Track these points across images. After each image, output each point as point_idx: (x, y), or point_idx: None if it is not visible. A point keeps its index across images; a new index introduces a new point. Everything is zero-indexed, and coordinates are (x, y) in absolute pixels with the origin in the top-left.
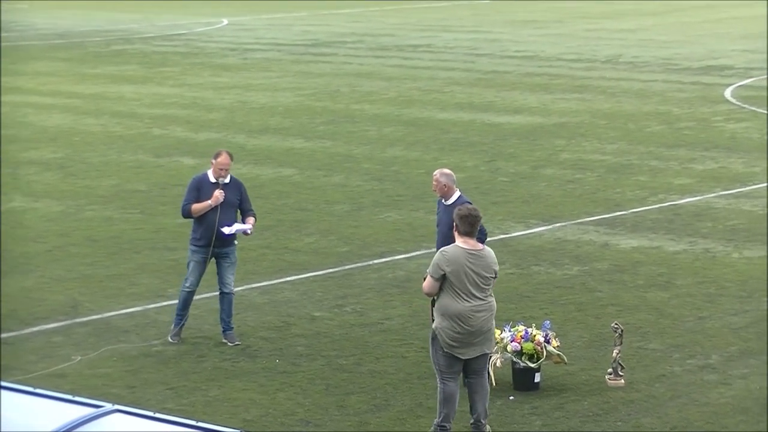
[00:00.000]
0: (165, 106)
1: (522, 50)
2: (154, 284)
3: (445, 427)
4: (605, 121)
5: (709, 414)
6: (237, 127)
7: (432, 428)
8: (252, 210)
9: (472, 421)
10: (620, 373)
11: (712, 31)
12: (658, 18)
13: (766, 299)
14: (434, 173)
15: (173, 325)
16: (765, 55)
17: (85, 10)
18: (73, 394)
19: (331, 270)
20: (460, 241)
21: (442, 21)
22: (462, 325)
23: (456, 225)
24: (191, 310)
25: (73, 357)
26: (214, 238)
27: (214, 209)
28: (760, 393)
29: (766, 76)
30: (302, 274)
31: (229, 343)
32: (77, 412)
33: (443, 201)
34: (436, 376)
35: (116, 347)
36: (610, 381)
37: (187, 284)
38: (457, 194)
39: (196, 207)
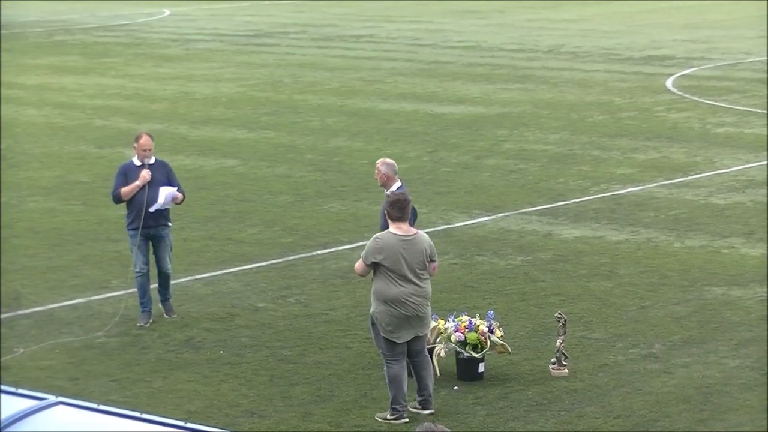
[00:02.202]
0: (107, 97)
1: (464, 40)
2: (97, 276)
3: (396, 408)
4: (548, 111)
5: (652, 403)
6: (180, 118)
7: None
8: (181, 189)
9: (420, 398)
10: (564, 363)
11: (653, 20)
12: (599, 8)
13: (707, 288)
14: (377, 162)
15: (140, 312)
16: (706, 45)
17: (26, 0)
18: (16, 387)
19: (274, 261)
20: (393, 227)
21: (384, 11)
22: (398, 309)
23: (388, 212)
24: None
25: (15, 349)
26: (143, 217)
27: (142, 190)
28: (702, 382)
29: (706, 66)
30: (246, 265)
31: (165, 316)
32: (20, 404)
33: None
34: (382, 359)
35: (58, 339)
36: (553, 370)
37: (137, 269)
38: (397, 184)
39: (125, 190)
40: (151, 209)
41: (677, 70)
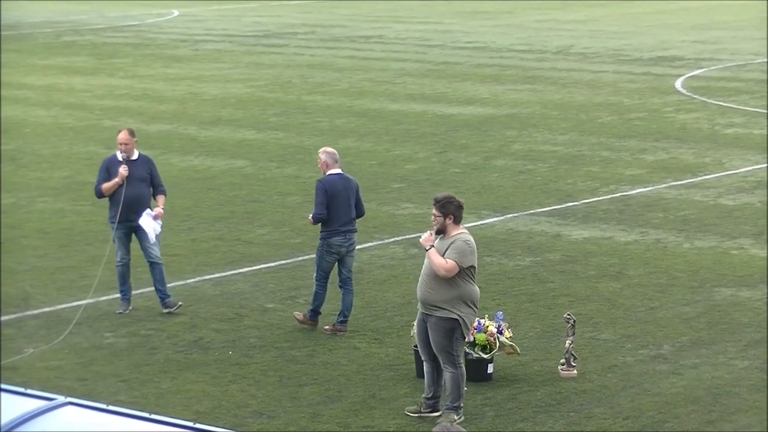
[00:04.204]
0: (116, 98)
1: (473, 41)
2: (105, 276)
3: (461, 405)
4: (556, 111)
5: (661, 404)
6: (188, 118)
7: (451, 413)
8: (162, 187)
9: (434, 401)
10: (572, 364)
11: (662, 21)
12: (608, 9)
13: (716, 289)
14: (319, 151)
15: (120, 300)
16: (714, 46)
17: (35, 0)
18: (25, 387)
19: (283, 261)
20: (462, 228)
21: (392, 12)
22: (477, 307)
23: (454, 215)
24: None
25: (24, 349)
26: (120, 210)
27: (121, 186)
28: (711, 383)
29: (715, 67)
30: (255, 265)
31: (171, 309)
32: (29, 405)
33: None
34: (449, 364)
35: (68, 340)
36: (562, 371)
37: (118, 259)
38: (336, 170)
39: (105, 186)
40: (149, 242)
41: (686, 71)
